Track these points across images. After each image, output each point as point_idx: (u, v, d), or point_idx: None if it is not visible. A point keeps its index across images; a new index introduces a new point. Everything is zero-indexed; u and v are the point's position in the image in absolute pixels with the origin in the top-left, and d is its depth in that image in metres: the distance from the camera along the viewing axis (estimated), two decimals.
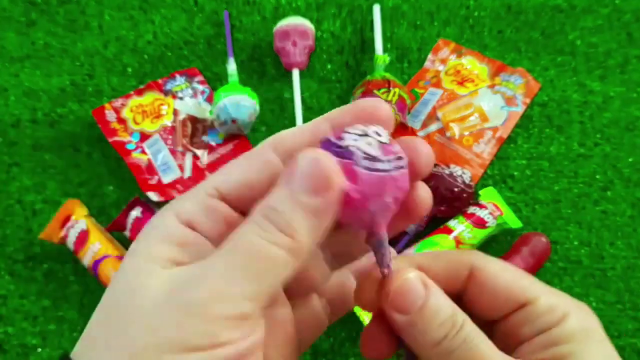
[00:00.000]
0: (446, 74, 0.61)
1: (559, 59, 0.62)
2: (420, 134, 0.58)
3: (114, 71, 0.62)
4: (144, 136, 0.57)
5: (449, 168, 0.53)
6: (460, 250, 0.22)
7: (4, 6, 0.64)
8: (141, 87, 0.60)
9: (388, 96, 0.53)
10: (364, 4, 0.65)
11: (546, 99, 0.60)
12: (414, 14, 0.65)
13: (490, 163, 0.57)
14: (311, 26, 0.61)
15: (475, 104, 0.58)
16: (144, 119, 0.58)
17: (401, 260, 0.21)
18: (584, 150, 0.58)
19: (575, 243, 0.54)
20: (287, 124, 0.59)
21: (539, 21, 0.64)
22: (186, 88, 0.60)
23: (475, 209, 0.52)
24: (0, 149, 0.58)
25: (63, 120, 0.59)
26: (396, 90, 0.54)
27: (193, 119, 0.58)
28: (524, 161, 0.58)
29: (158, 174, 0.56)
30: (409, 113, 0.59)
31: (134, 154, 0.56)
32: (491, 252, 0.31)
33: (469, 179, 0.52)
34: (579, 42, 0.63)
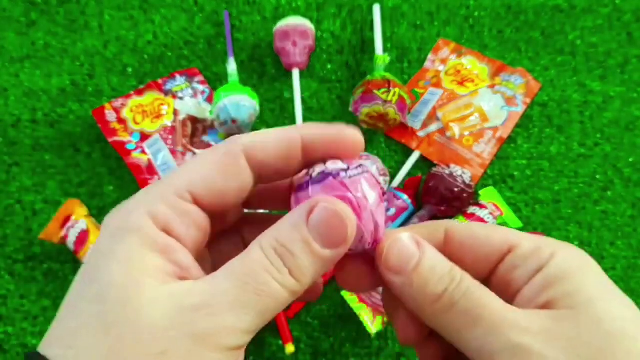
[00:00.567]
0: (446, 74, 0.61)
1: (559, 59, 0.62)
2: (420, 134, 0.58)
3: (114, 71, 0.62)
4: (144, 136, 0.57)
5: (449, 168, 0.53)
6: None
7: (4, 6, 0.64)
8: (141, 87, 0.60)
9: (388, 96, 0.53)
10: (364, 4, 0.65)
11: (546, 99, 0.60)
12: (414, 14, 0.65)
13: (490, 163, 0.57)
14: (311, 26, 0.61)
15: (475, 104, 0.58)
16: (144, 119, 0.58)
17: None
18: (584, 150, 0.58)
19: (576, 243, 0.54)
20: (287, 123, 0.59)
21: (539, 21, 0.64)
22: (186, 88, 0.60)
23: (476, 209, 0.52)
24: (0, 149, 0.58)
25: (63, 120, 0.59)
26: (396, 90, 0.54)
27: (193, 119, 0.58)
28: (524, 161, 0.58)
29: (158, 174, 0.56)
30: (409, 113, 0.59)
31: (134, 154, 0.56)
32: None
33: (469, 179, 0.52)
34: (579, 42, 0.63)
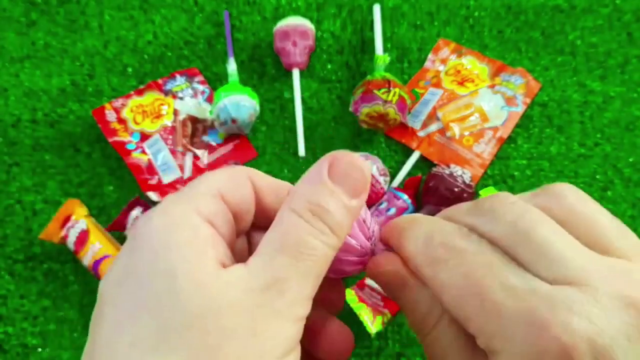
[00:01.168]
0: (446, 74, 0.61)
1: (559, 59, 0.62)
2: (420, 134, 0.58)
3: (114, 71, 0.62)
4: (144, 136, 0.57)
5: (449, 168, 0.53)
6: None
7: (4, 6, 0.64)
8: (141, 87, 0.60)
9: (388, 96, 0.53)
10: (364, 4, 0.65)
11: (546, 99, 0.60)
12: (414, 14, 0.65)
13: (490, 163, 0.57)
14: (311, 26, 0.61)
15: (475, 104, 0.58)
16: (144, 119, 0.58)
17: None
18: (584, 150, 0.58)
19: None
20: (287, 124, 0.59)
21: (539, 21, 0.64)
22: (186, 88, 0.60)
23: None
24: (0, 149, 0.58)
25: (63, 120, 0.59)
26: (396, 90, 0.54)
27: (193, 119, 0.58)
28: (524, 161, 0.58)
29: (158, 174, 0.56)
30: (409, 113, 0.59)
31: (134, 154, 0.56)
32: None
33: (469, 179, 0.52)
34: (579, 42, 0.63)
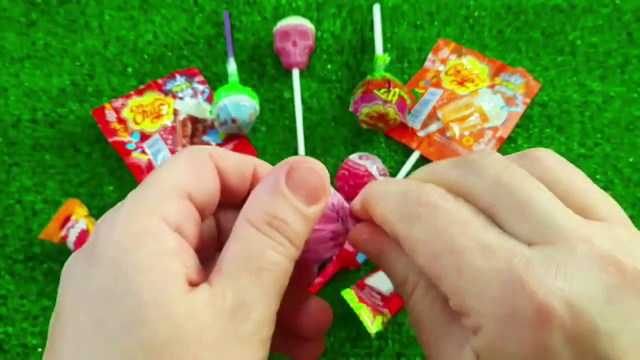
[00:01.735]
0: (446, 74, 0.61)
1: (559, 59, 0.62)
2: (420, 134, 0.58)
3: (114, 71, 0.62)
4: (144, 136, 0.57)
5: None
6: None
7: (4, 6, 0.64)
8: (141, 87, 0.60)
9: (388, 96, 0.53)
10: (364, 4, 0.65)
11: (546, 99, 0.60)
12: (414, 14, 0.65)
13: None
14: (311, 26, 0.61)
15: (475, 104, 0.58)
16: (144, 119, 0.58)
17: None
18: (584, 150, 0.58)
19: None
20: (287, 123, 0.59)
21: (539, 21, 0.64)
22: (186, 88, 0.60)
23: None
24: (0, 149, 0.58)
25: (63, 120, 0.59)
26: (396, 90, 0.54)
27: (193, 119, 0.58)
28: None
29: None
30: (409, 113, 0.59)
31: (134, 154, 0.56)
32: None
33: None
34: (579, 42, 0.63)
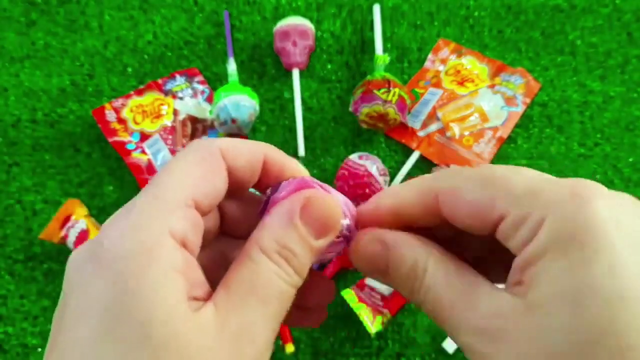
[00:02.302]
0: (446, 74, 0.61)
1: (559, 59, 0.62)
2: (420, 134, 0.58)
3: (114, 71, 0.62)
4: (144, 136, 0.57)
5: (449, 168, 0.53)
6: (429, 176, 0.20)
7: (4, 6, 0.64)
8: (141, 87, 0.60)
9: (388, 96, 0.53)
10: (364, 4, 0.65)
11: (546, 99, 0.60)
12: (414, 14, 0.65)
13: (490, 163, 0.57)
14: (311, 26, 0.61)
15: (475, 104, 0.58)
16: (144, 119, 0.58)
17: (371, 205, 0.21)
18: (584, 150, 0.58)
19: None
20: (287, 123, 0.59)
21: (539, 21, 0.64)
22: (186, 88, 0.60)
23: None
24: (0, 149, 0.58)
25: (63, 120, 0.59)
26: (396, 90, 0.54)
27: (193, 119, 0.58)
28: (524, 161, 0.58)
29: None
30: (409, 113, 0.59)
31: (134, 154, 0.56)
32: None
33: None
34: (579, 42, 0.63)
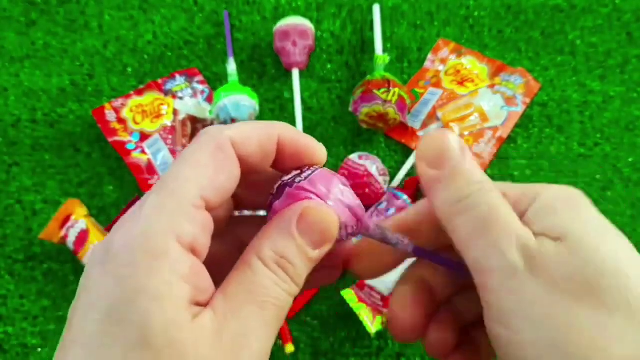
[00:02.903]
0: (446, 74, 0.61)
1: (559, 59, 0.62)
2: (420, 134, 0.58)
3: (114, 71, 0.62)
4: (144, 136, 0.57)
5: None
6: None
7: (4, 6, 0.64)
8: (141, 87, 0.60)
9: (388, 96, 0.53)
10: (364, 4, 0.65)
11: (546, 99, 0.60)
12: (414, 14, 0.65)
13: (490, 163, 0.57)
14: (311, 26, 0.61)
15: (475, 104, 0.58)
16: (143, 119, 0.58)
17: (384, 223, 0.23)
18: (584, 150, 0.58)
19: None
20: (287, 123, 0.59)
21: (539, 21, 0.64)
22: (186, 88, 0.60)
23: None
24: (0, 149, 0.58)
25: (63, 120, 0.59)
26: (396, 90, 0.54)
27: (193, 119, 0.58)
28: (524, 161, 0.58)
29: (158, 174, 0.56)
30: (409, 113, 0.59)
31: (134, 154, 0.56)
32: None
33: None
34: (579, 42, 0.63)
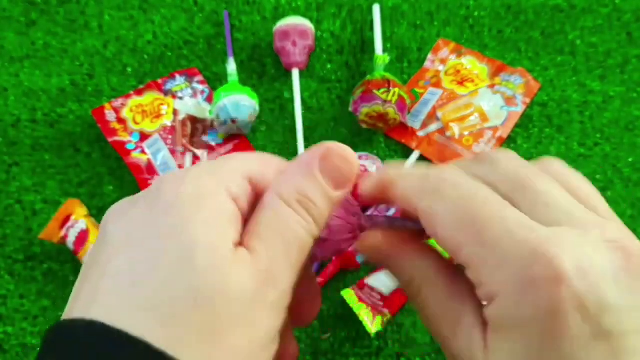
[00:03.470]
0: (446, 74, 0.61)
1: (559, 59, 0.62)
2: (420, 134, 0.58)
3: (114, 71, 0.62)
4: (144, 136, 0.57)
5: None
6: (419, 177, 0.23)
7: (4, 6, 0.64)
8: (141, 87, 0.60)
9: (388, 96, 0.53)
10: (364, 4, 0.65)
11: (546, 99, 0.60)
12: (414, 14, 0.65)
13: None
14: (311, 26, 0.61)
15: (475, 104, 0.58)
16: (143, 119, 0.58)
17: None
18: (584, 150, 0.58)
19: None
20: (287, 124, 0.59)
21: (539, 21, 0.64)
22: (186, 88, 0.60)
23: None
24: (0, 149, 0.58)
25: (63, 120, 0.59)
26: (396, 90, 0.54)
27: (193, 119, 0.58)
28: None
29: (158, 174, 0.56)
30: (409, 113, 0.59)
31: (134, 154, 0.56)
32: None
33: None
34: (579, 42, 0.63)
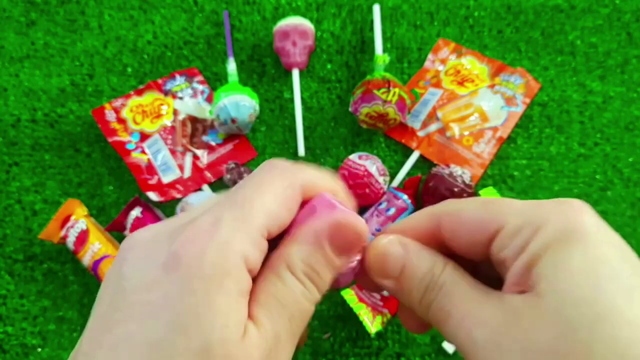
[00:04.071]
0: (446, 74, 0.61)
1: (559, 59, 0.62)
2: (420, 134, 0.58)
3: (113, 71, 0.62)
4: (144, 136, 0.57)
5: (449, 168, 0.53)
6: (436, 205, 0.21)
7: (4, 6, 0.64)
8: (141, 87, 0.60)
9: (388, 96, 0.53)
10: (364, 4, 0.65)
11: (546, 99, 0.60)
12: (414, 14, 0.65)
13: (490, 163, 0.57)
14: (311, 26, 0.61)
15: (475, 104, 0.58)
16: (143, 119, 0.58)
17: (382, 231, 0.22)
18: (584, 150, 0.58)
19: None
20: (287, 123, 0.59)
21: (539, 21, 0.64)
22: (186, 88, 0.60)
23: None
24: (0, 149, 0.58)
25: (63, 120, 0.59)
26: (396, 90, 0.54)
27: (193, 119, 0.58)
28: (524, 161, 0.58)
29: (158, 174, 0.56)
30: (409, 113, 0.59)
31: (134, 154, 0.56)
32: None
33: (469, 179, 0.52)
34: (579, 42, 0.63)
